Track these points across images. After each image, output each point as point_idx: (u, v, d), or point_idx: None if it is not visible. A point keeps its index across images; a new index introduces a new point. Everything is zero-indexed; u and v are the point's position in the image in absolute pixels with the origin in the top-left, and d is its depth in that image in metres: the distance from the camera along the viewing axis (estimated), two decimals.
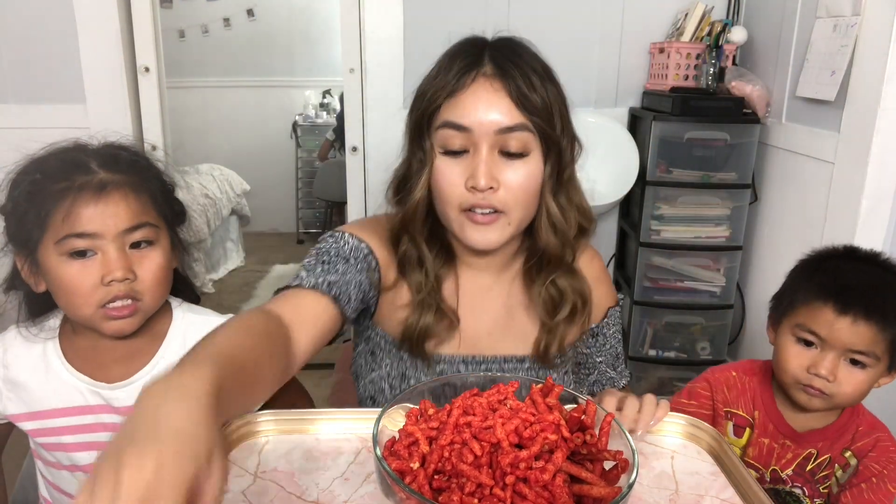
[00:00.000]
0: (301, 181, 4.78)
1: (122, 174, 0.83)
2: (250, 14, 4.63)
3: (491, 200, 0.83)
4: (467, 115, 0.82)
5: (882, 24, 1.55)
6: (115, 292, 0.81)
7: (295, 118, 4.73)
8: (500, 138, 0.82)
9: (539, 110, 0.83)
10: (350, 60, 2.22)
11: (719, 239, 2.12)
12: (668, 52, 2.14)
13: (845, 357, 0.93)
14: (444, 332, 0.93)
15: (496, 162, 0.83)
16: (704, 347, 2.22)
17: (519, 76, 0.83)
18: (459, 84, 0.83)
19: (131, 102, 2.14)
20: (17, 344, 0.90)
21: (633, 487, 0.57)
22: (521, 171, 0.84)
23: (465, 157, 0.84)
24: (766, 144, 2.08)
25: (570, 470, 0.59)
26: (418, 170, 0.88)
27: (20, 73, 2.07)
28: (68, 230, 0.79)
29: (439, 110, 0.85)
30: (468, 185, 0.83)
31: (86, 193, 0.79)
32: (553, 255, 0.92)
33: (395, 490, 0.56)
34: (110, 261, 0.81)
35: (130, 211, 0.82)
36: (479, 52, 0.86)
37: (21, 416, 0.89)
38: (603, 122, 2.22)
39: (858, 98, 1.64)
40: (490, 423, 0.61)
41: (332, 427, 0.81)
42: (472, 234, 0.86)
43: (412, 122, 0.89)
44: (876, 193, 1.62)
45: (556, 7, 2.21)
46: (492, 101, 0.82)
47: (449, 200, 0.85)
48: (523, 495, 0.56)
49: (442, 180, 0.85)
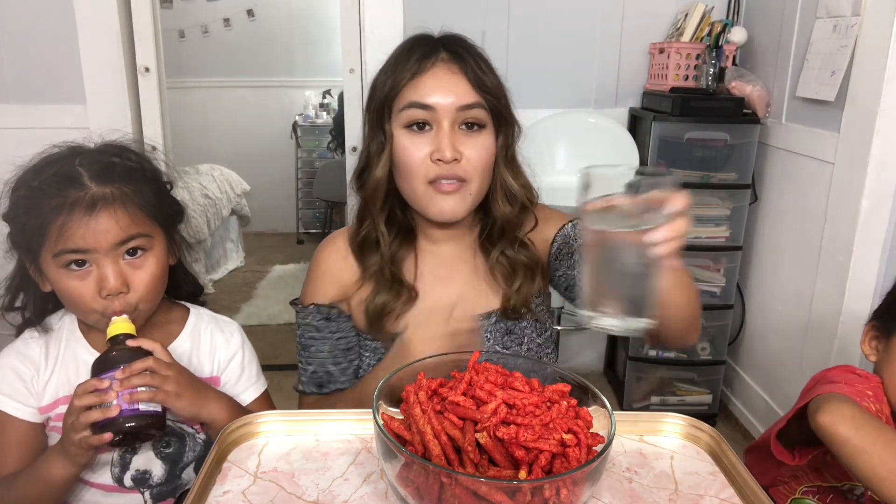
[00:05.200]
0: (301, 181, 4.78)
1: (115, 185, 0.85)
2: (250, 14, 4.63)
3: (455, 170, 0.91)
4: (430, 95, 0.91)
5: (882, 24, 1.55)
6: (112, 305, 0.85)
7: (295, 118, 4.73)
8: (461, 115, 0.92)
9: (491, 90, 0.94)
10: (350, 61, 2.23)
11: (719, 239, 2.12)
12: (668, 53, 2.14)
13: None
14: (401, 306, 0.98)
15: (457, 136, 0.92)
16: (704, 347, 2.22)
17: (472, 61, 0.94)
18: (421, 68, 0.92)
19: (131, 103, 2.14)
20: (37, 345, 0.92)
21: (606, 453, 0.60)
22: (479, 144, 0.93)
23: (428, 132, 0.92)
24: (766, 145, 2.08)
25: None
26: (378, 151, 0.96)
27: (20, 73, 2.07)
28: (62, 246, 0.82)
29: (401, 94, 0.93)
30: (434, 157, 0.91)
31: (77, 211, 0.82)
32: (507, 223, 0.99)
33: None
34: (104, 275, 0.84)
35: (121, 226, 0.84)
36: (434, 43, 0.96)
37: (58, 402, 0.91)
38: (603, 122, 2.22)
39: (858, 98, 1.64)
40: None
41: (332, 427, 0.81)
42: (440, 204, 0.93)
43: (372, 109, 0.97)
44: (876, 193, 1.63)
45: (556, 7, 2.21)
46: (451, 82, 0.92)
47: (416, 174, 0.92)
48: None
49: (407, 155, 0.93)
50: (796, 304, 1.94)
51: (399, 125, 0.94)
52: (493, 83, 0.95)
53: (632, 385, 2.28)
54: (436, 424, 0.62)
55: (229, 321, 1.02)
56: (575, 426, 0.62)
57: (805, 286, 1.90)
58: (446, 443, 0.61)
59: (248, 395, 1.00)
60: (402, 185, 0.96)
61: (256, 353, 1.04)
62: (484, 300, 1.02)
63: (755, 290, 2.21)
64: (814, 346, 1.86)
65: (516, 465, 0.60)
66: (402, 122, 0.93)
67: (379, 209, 0.99)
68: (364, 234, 1.01)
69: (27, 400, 0.90)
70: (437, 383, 0.68)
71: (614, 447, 0.78)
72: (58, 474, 0.84)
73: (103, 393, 0.79)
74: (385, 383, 0.70)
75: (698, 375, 2.29)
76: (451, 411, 0.63)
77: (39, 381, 0.91)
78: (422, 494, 0.60)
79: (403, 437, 0.64)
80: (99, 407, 0.78)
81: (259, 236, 4.71)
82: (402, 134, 0.93)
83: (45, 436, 0.93)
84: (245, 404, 0.98)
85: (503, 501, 0.56)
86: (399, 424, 0.65)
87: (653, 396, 2.28)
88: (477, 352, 0.71)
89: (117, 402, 0.79)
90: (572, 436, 0.61)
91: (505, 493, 0.56)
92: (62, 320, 0.95)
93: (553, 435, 0.60)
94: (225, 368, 0.99)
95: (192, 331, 0.98)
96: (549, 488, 0.57)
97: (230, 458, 0.76)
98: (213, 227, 3.63)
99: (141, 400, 0.80)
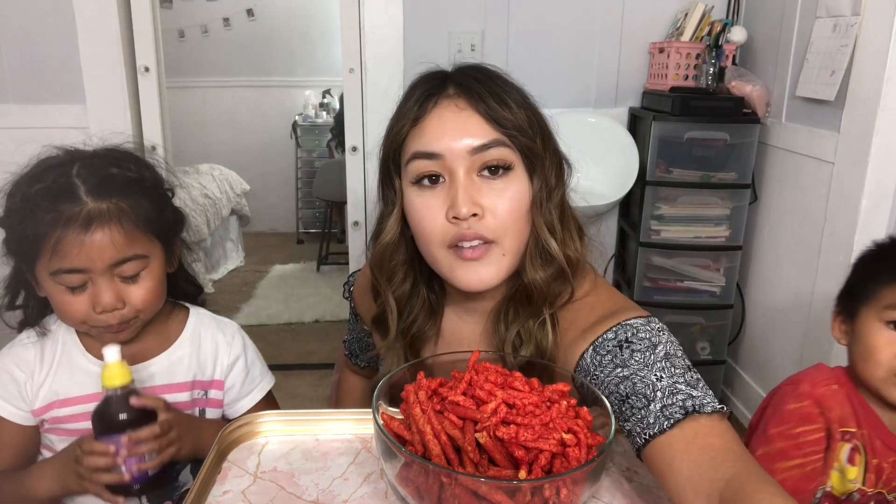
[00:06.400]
0: (301, 181, 4.78)
1: (111, 201, 0.82)
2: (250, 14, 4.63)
3: (477, 229, 0.74)
4: (436, 141, 0.74)
5: (882, 24, 1.55)
6: (107, 320, 0.84)
7: (295, 118, 4.73)
8: (476, 159, 0.74)
9: (513, 123, 0.75)
10: (350, 60, 2.22)
11: (719, 239, 2.12)
12: (668, 52, 2.14)
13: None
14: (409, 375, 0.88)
15: (476, 186, 0.74)
16: (704, 347, 2.22)
17: (485, 92, 0.76)
18: (422, 111, 0.76)
19: (131, 102, 2.14)
20: (33, 348, 0.92)
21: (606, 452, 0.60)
22: (505, 192, 0.75)
23: (442, 186, 0.75)
24: (766, 144, 2.08)
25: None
26: (388, 213, 0.81)
27: (20, 73, 2.07)
28: (57, 265, 0.81)
29: (405, 143, 0.78)
30: (449, 216, 0.74)
31: (72, 228, 0.80)
32: (539, 294, 0.79)
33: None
34: (99, 293, 0.83)
35: (116, 246, 0.82)
36: (440, 78, 0.79)
37: (52, 406, 0.91)
38: (603, 122, 2.22)
39: (858, 98, 1.64)
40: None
41: (332, 427, 0.81)
42: (464, 274, 0.76)
43: (381, 163, 0.82)
44: (876, 193, 1.63)
45: (556, 7, 2.21)
46: (459, 121, 0.75)
47: (431, 238, 0.76)
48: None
49: (419, 216, 0.77)
50: (796, 304, 1.94)
51: (408, 181, 0.77)
52: (515, 114, 0.76)
53: None
54: (436, 424, 0.62)
55: (229, 322, 1.02)
56: (575, 426, 0.62)
57: (805, 286, 1.90)
58: (446, 442, 0.61)
59: (254, 396, 1.00)
60: (423, 252, 0.80)
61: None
62: None
63: (755, 290, 2.21)
64: (814, 346, 1.86)
65: (516, 465, 0.60)
66: (410, 178, 0.77)
67: (387, 281, 0.84)
68: (379, 312, 0.88)
69: (19, 404, 0.90)
70: (437, 383, 0.68)
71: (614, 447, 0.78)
72: (44, 490, 0.86)
73: (111, 455, 0.80)
74: (385, 382, 0.70)
75: None
76: (451, 411, 0.63)
77: (33, 385, 0.91)
78: (422, 494, 0.60)
79: (403, 437, 0.64)
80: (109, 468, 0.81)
81: (259, 236, 4.71)
82: (413, 191, 0.77)
83: (38, 437, 0.93)
84: (251, 405, 0.99)
85: (503, 501, 0.56)
86: (399, 424, 0.65)
87: None
88: (477, 351, 0.71)
89: (126, 469, 0.81)
90: (572, 436, 0.61)
91: (505, 492, 0.56)
92: (59, 323, 0.94)
93: (553, 435, 0.60)
94: (228, 373, 0.98)
95: (192, 333, 0.97)
96: (549, 488, 0.57)
97: (230, 457, 0.76)
98: (213, 227, 3.63)
99: (150, 468, 0.82)
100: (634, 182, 2.12)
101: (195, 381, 0.96)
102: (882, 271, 0.94)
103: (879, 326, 0.92)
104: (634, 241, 2.17)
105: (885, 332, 0.92)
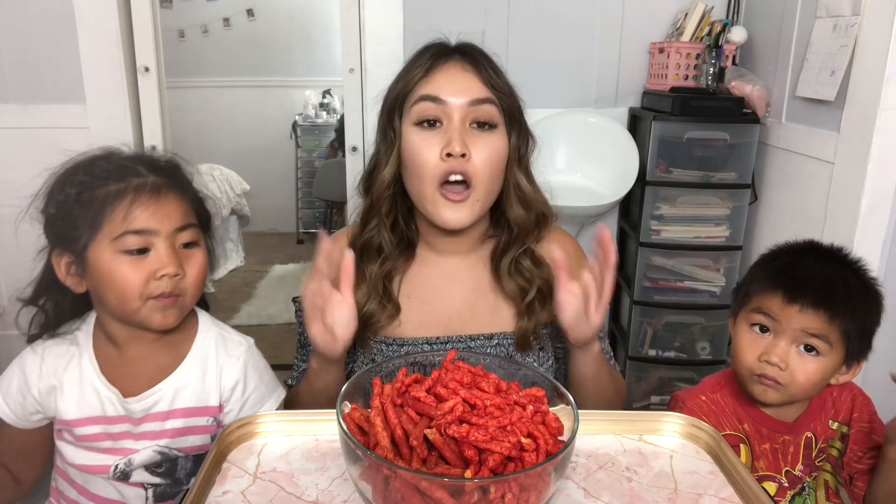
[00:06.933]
0: (301, 181, 4.79)
1: (169, 178, 0.91)
2: (250, 14, 4.64)
3: (465, 167, 0.90)
4: (443, 89, 0.92)
5: (882, 24, 1.55)
6: (164, 288, 0.87)
7: (295, 118, 4.74)
8: (471, 111, 0.92)
9: (503, 89, 0.95)
10: (350, 60, 2.22)
11: (719, 239, 2.12)
12: (668, 52, 2.14)
13: (797, 343, 0.93)
14: (386, 319, 0.98)
15: (468, 133, 0.91)
16: (704, 347, 2.22)
17: (484, 63, 0.95)
18: (434, 65, 0.94)
19: (131, 102, 2.14)
20: (52, 353, 0.93)
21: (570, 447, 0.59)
22: (490, 143, 0.92)
23: (439, 129, 0.92)
24: (766, 144, 2.08)
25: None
26: (387, 149, 0.96)
27: (20, 73, 2.07)
28: (126, 227, 0.85)
29: (413, 90, 0.94)
30: (443, 152, 0.90)
31: (143, 194, 0.86)
32: (521, 229, 0.97)
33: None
34: (163, 257, 0.87)
35: (181, 211, 0.89)
36: (447, 46, 0.98)
37: (55, 422, 0.93)
38: (603, 122, 2.22)
39: (858, 98, 1.64)
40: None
41: (332, 427, 0.81)
42: (445, 212, 0.92)
43: (384, 109, 0.98)
44: (876, 193, 1.62)
45: (556, 7, 2.21)
46: (464, 78, 0.93)
47: (424, 172, 0.91)
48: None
49: (416, 151, 0.92)
50: None
51: (410, 122, 0.93)
52: (505, 85, 0.96)
53: (632, 385, 2.28)
54: (392, 417, 0.61)
55: (238, 341, 0.99)
56: (536, 431, 0.61)
57: None
58: (401, 437, 0.60)
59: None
60: (411, 187, 0.95)
61: None
62: (483, 321, 0.99)
63: None
64: None
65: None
66: (413, 119, 0.93)
67: (386, 212, 0.98)
68: (367, 237, 0.99)
69: (17, 410, 0.92)
70: (412, 379, 0.68)
71: (614, 447, 0.78)
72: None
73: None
74: (350, 384, 0.69)
75: (698, 375, 2.28)
76: (412, 406, 0.63)
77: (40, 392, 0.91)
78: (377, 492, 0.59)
79: (365, 431, 0.64)
80: None
81: (259, 236, 4.71)
82: (413, 131, 0.93)
83: (42, 439, 0.94)
84: None
85: (444, 499, 0.55)
86: (360, 416, 0.65)
87: (653, 396, 2.28)
88: (454, 350, 0.72)
89: None
90: (531, 440, 0.59)
91: (446, 490, 0.55)
92: (75, 335, 0.94)
93: (509, 438, 0.59)
94: (229, 398, 0.96)
95: (200, 354, 0.96)
96: (495, 491, 0.55)
97: (229, 458, 0.76)
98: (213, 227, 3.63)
99: None
100: (634, 182, 2.12)
101: (199, 408, 0.95)
102: (756, 276, 1.00)
103: (746, 328, 0.99)
104: (634, 241, 2.16)
105: (748, 333, 0.99)
